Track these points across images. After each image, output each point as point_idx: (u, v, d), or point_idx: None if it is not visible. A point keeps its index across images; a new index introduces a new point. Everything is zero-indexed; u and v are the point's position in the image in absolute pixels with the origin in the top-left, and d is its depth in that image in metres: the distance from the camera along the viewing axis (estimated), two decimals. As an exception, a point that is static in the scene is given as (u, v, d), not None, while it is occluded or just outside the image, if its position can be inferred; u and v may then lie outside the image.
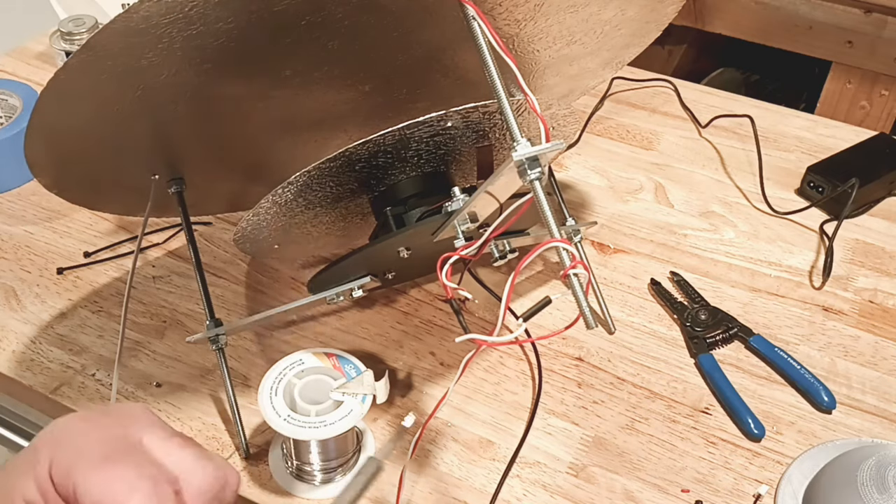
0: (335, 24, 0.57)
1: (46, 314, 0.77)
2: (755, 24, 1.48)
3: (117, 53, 0.52)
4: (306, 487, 0.63)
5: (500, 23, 0.62)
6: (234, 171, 0.76)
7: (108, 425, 0.38)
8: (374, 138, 0.58)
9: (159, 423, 0.40)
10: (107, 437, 0.38)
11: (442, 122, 0.59)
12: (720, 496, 0.63)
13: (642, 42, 0.79)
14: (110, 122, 0.60)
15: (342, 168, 0.60)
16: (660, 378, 0.72)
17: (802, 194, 0.91)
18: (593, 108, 1.02)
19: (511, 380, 0.71)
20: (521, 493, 0.63)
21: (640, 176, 0.94)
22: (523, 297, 0.80)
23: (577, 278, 0.47)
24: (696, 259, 0.83)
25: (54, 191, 0.68)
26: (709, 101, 1.04)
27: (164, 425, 0.40)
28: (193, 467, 0.38)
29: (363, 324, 0.76)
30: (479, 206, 0.57)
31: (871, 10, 1.37)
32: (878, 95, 1.45)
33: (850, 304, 0.78)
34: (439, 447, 0.66)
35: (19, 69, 1.09)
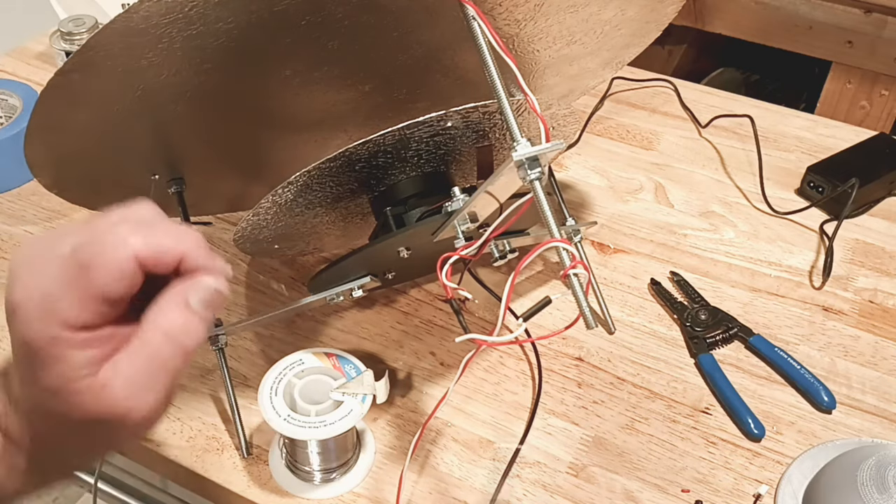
0: (335, 24, 0.57)
1: (46, 314, 0.76)
2: (755, 24, 1.48)
3: (117, 53, 0.52)
4: (306, 487, 0.63)
5: (500, 23, 0.62)
6: (234, 171, 0.76)
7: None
8: (374, 138, 0.58)
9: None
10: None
11: (442, 122, 0.59)
12: (720, 496, 0.63)
13: (642, 42, 0.79)
14: (110, 122, 0.60)
15: (342, 168, 0.60)
16: (660, 378, 0.72)
17: (802, 194, 0.91)
18: (593, 108, 1.02)
19: (511, 380, 0.71)
20: (521, 493, 0.63)
21: (640, 176, 0.94)
22: (523, 297, 0.80)
23: (577, 278, 0.47)
24: (696, 259, 0.83)
25: (54, 191, 0.68)
26: (709, 101, 1.04)
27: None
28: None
29: (363, 324, 0.76)
30: (479, 206, 0.57)
31: (871, 10, 1.37)
32: (878, 95, 1.44)
33: (850, 304, 0.78)
34: (439, 447, 0.66)
35: (19, 69, 1.09)
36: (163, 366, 0.37)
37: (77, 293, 0.35)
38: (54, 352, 0.36)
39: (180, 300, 0.38)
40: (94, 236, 0.37)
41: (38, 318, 0.36)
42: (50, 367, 0.36)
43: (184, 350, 0.38)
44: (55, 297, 0.35)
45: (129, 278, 0.36)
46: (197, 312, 0.38)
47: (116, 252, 0.36)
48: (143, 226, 0.37)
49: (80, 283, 0.35)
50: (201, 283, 0.38)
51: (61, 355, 0.36)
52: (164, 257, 0.37)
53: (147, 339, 0.37)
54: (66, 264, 0.36)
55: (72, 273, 0.36)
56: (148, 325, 0.37)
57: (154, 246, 0.36)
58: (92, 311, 0.36)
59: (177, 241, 0.37)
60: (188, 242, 0.38)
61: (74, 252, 0.36)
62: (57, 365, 0.36)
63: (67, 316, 0.35)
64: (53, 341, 0.35)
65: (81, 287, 0.35)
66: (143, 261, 0.36)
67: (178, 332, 0.37)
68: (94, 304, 0.36)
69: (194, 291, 0.38)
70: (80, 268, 0.36)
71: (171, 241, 0.37)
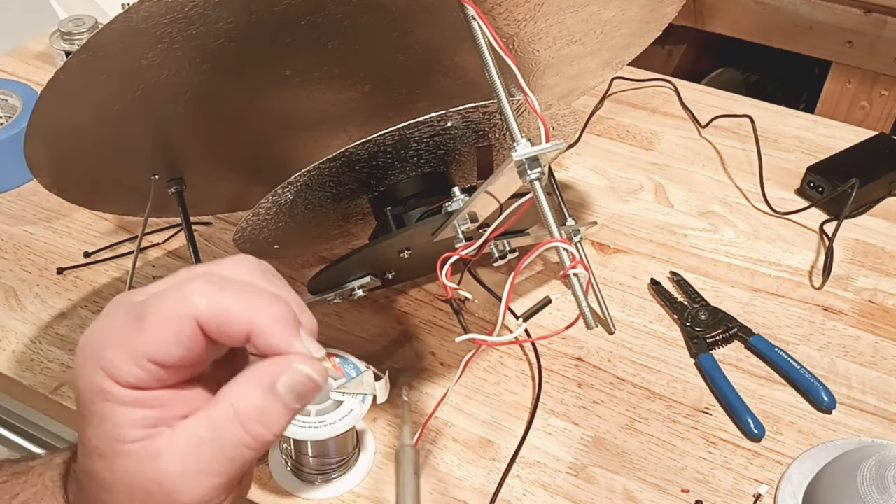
0: (335, 24, 0.57)
1: (46, 314, 0.77)
2: (755, 24, 1.48)
3: (117, 53, 0.52)
4: (306, 487, 0.63)
5: (500, 23, 0.62)
6: (234, 171, 0.76)
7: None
8: (374, 138, 0.58)
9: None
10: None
11: (442, 122, 0.59)
12: (720, 496, 0.63)
13: (642, 42, 0.79)
14: (110, 122, 0.60)
15: (342, 168, 0.60)
16: (660, 378, 0.72)
17: (802, 194, 0.91)
18: (593, 108, 1.02)
19: (511, 380, 0.71)
20: (521, 493, 0.63)
21: (640, 176, 0.94)
22: (523, 297, 0.80)
23: (577, 278, 0.47)
24: (696, 259, 0.83)
25: (54, 191, 0.68)
26: (709, 101, 1.04)
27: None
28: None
29: (363, 324, 0.76)
30: (479, 206, 0.57)
31: (871, 10, 1.37)
32: (878, 95, 1.45)
33: (850, 304, 0.78)
34: (439, 447, 0.66)
35: (19, 69, 1.09)
36: (226, 450, 0.32)
37: (128, 348, 0.31)
38: (101, 406, 0.32)
39: (265, 381, 0.32)
40: (168, 287, 0.32)
41: (90, 367, 0.32)
42: (97, 423, 0.32)
43: (255, 440, 0.32)
44: (107, 347, 0.32)
45: (187, 343, 0.31)
46: (281, 399, 0.32)
47: (172, 311, 0.31)
48: (218, 284, 0.32)
49: (133, 338, 0.31)
50: (294, 368, 0.32)
51: (109, 412, 0.32)
52: (228, 327, 0.31)
53: (215, 416, 0.32)
54: (128, 315, 0.32)
55: (129, 325, 0.32)
56: (220, 401, 0.32)
57: (219, 312, 0.31)
58: (144, 370, 0.31)
59: (248, 311, 0.32)
60: (265, 317, 0.32)
61: (142, 302, 0.32)
62: (104, 423, 0.32)
63: (115, 370, 0.31)
64: (102, 394, 0.31)
65: (133, 343, 0.31)
66: (204, 326, 0.31)
67: (253, 416, 0.32)
68: (144, 366, 0.31)
69: (285, 375, 0.32)
70: (137, 321, 0.31)
71: (241, 309, 0.32)
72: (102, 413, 0.32)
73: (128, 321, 0.32)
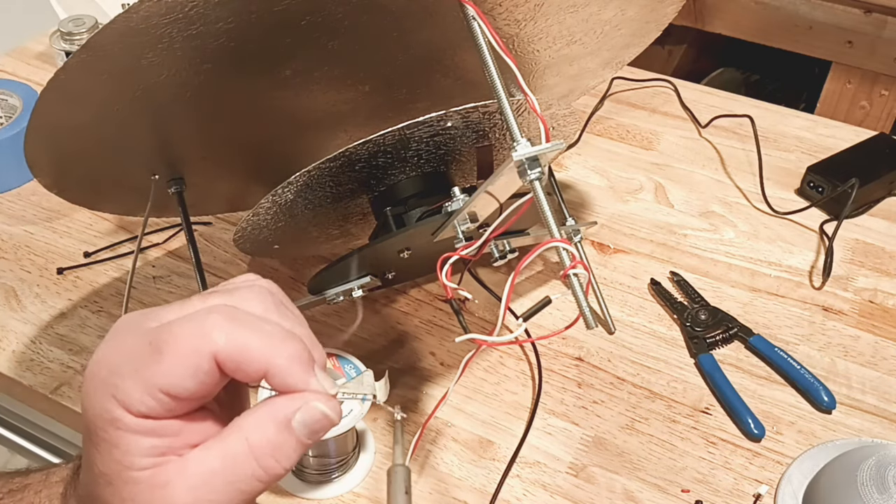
0: (335, 24, 0.57)
1: (46, 314, 0.77)
2: (755, 24, 1.48)
3: (117, 53, 0.52)
4: (306, 487, 0.63)
5: (500, 23, 0.62)
6: (234, 171, 0.76)
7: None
8: (374, 138, 0.58)
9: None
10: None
11: (442, 122, 0.59)
12: (720, 496, 0.63)
13: (642, 42, 0.79)
14: (110, 122, 0.60)
15: (342, 168, 0.60)
16: (660, 378, 0.72)
17: (802, 194, 0.91)
18: (593, 108, 1.02)
19: (511, 380, 0.71)
20: (521, 493, 0.63)
21: (640, 176, 0.94)
22: (523, 297, 0.80)
23: (577, 278, 0.47)
24: (696, 259, 0.83)
25: (54, 191, 0.68)
26: (709, 101, 1.04)
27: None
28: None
29: (363, 324, 0.76)
30: (479, 206, 0.57)
31: (871, 10, 1.37)
32: (878, 95, 1.45)
33: (850, 304, 0.78)
34: (439, 447, 0.66)
35: (19, 69, 1.09)
36: (237, 482, 0.32)
37: (143, 378, 0.31)
38: (111, 434, 0.31)
39: (281, 417, 0.32)
40: (184, 316, 0.32)
41: (101, 394, 0.31)
42: (106, 449, 0.32)
43: (267, 473, 0.32)
44: (120, 375, 0.31)
45: (203, 378, 0.31)
46: (295, 435, 0.32)
47: (191, 345, 0.31)
48: (237, 320, 0.32)
49: (149, 370, 0.31)
50: (311, 405, 0.33)
51: (119, 439, 0.31)
52: (246, 366, 0.32)
53: (227, 448, 0.32)
54: (142, 342, 0.32)
55: (144, 354, 0.31)
56: (233, 433, 0.32)
57: (238, 352, 0.31)
58: (157, 401, 0.31)
59: (267, 350, 0.32)
60: (281, 357, 0.32)
61: (157, 330, 0.32)
62: (114, 449, 0.31)
63: (128, 399, 0.31)
64: (112, 422, 0.31)
65: (148, 373, 0.31)
66: (221, 363, 0.31)
67: (267, 450, 0.32)
68: (155, 397, 0.31)
69: (301, 412, 0.32)
70: (153, 352, 0.31)
71: (260, 348, 0.32)
72: (112, 440, 0.32)
73: (142, 350, 0.31)
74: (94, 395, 0.32)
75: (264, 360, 0.32)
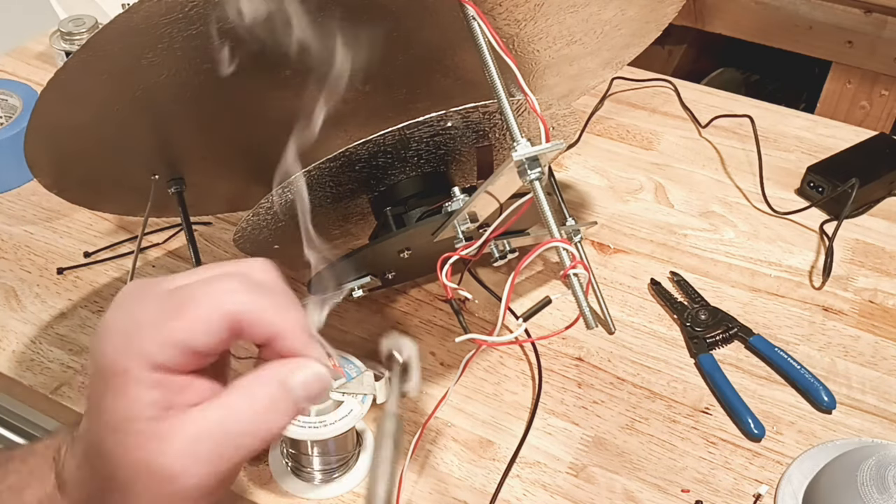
0: (335, 24, 0.57)
1: (46, 314, 0.77)
2: (755, 24, 1.48)
3: (117, 53, 0.52)
4: (306, 487, 0.63)
5: (500, 23, 0.62)
6: (234, 171, 0.76)
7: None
8: (374, 138, 0.58)
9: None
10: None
11: (442, 122, 0.59)
12: (720, 496, 0.63)
13: (642, 42, 0.79)
14: (110, 122, 0.60)
15: (342, 168, 0.60)
16: (660, 378, 0.72)
17: (802, 194, 0.91)
18: (593, 108, 1.02)
19: (511, 380, 0.71)
20: (521, 493, 0.63)
21: (640, 176, 0.94)
22: (523, 297, 0.80)
23: (577, 278, 0.47)
24: (696, 259, 0.83)
25: (54, 191, 0.68)
26: (709, 101, 1.04)
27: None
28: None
29: (363, 324, 0.76)
30: (479, 206, 0.57)
31: (871, 10, 1.37)
32: (878, 95, 1.45)
33: (850, 304, 0.78)
34: (439, 447, 0.66)
35: (19, 69, 1.09)
36: (234, 440, 0.34)
37: (161, 332, 0.34)
38: (122, 383, 0.34)
39: (280, 378, 0.35)
40: (200, 280, 0.35)
41: (117, 346, 0.34)
42: (115, 399, 0.34)
43: (262, 431, 0.34)
44: (139, 329, 0.34)
45: (217, 336, 0.34)
46: (292, 396, 0.35)
47: (212, 304, 0.34)
48: (253, 289, 0.35)
49: (167, 324, 0.34)
50: (309, 367, 0.35)
51: (129, 389, 0.33)
52: (258, 327, 0.35)
53: (227, 405, 0.34)
54: (161, 300, 0.34)
55: (164, 311, 0.34)
56: (233, 391, 0.34)
57: (253, 313, 0.34)
58: (171, 354, 0.34)
59: (278, 317, 0.35)
60: (289, 322, 0.35)
61: (176, 290, 0.35)
62: (122, 399, 0.34)
63: (144, 351, 0.33)
64: (125, 373, 0.33)
65: (167, 328, 0.34)
66: (235, 324, 0.34)
67: (265, 409, 0.34)
68: (175, 349, 0.34)
69: (299, 373, 0.35)
70: (173, 309, 0.34)
71: (272, 315, 0.35)
72: (122, 390, 0.34)
73: (162, 308, 0.34)
74: (110, 347, 0.34)
75: (274, 323, 0.35)
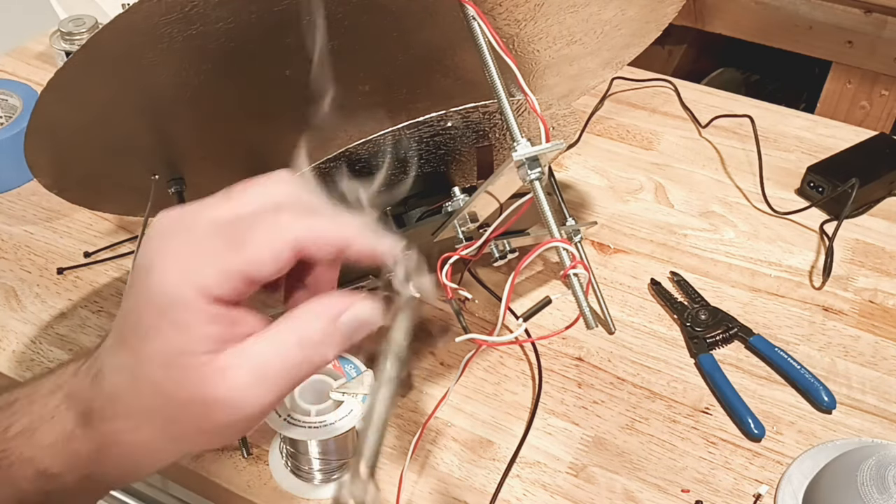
0: (335, 24, 0.57)
1: (46, 314, 0.77)
2: (755, 24, 1.48)
3: (117, 53, 0.52)
4: (306, 487, 0.63)
5: (500, 23, 0.62)
6: (234, 171, 0.75)
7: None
8: (374, 138, 0.58)
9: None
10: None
11: (442, 122, 0.59)
12: (720, 496, 0.63)
13: (642, 42, 0.79)
14: (110, 122, 0.60)
15: (342, 168, 0.60)
16: (660, 378, 0.72)
17: (802, 194, 0.91)
18: (593, 108, 1.02)
19: (511, 380, 0.71)
20: (521, 493, 0.63)
21: (640, 176, 0.94)
22: (523, 297, 0.80)
23: (577, 278, 0.47)
24: (696, 259, 0.83)
25: (54, 191, 0.68)
26: (709, 101, 1.04)
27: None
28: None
29: (363, 324, 0.76)
30: (479, 206, 0.57)
31: (871, 10, 1.37)
32: (878, 95, 1.45)
33: (850, 304, 0.78)
34: (439, 447, 0.66)
35: (19, 69, 1.09)
36: (288, 371, 0.35)
37: (224, 264, 0.34)
38: (182, 318, 0.34)
39: (331, 313, 0.36)
40: (255, 214, 0.36)
41: (173, 278, 0.34)
42: (168, 333, 0.34)
43: (313, 362, 0.36)
44: (197, 261, 0.34)
45: (282, 264, 0.35)
46: (340, 332, 0.36)
47: (276, 233, 0.35)
48: (307, 213, 0.36)
49: (230, 257, 0.34)
50: (357, 307, 0.37)
51: (188, 323, 0.34)
52: (325, 246, 0.36)
53: (282, 338, 0.35)
54: (219, 232, 0.35)
55: (224, 243, 0.34)
56: (287, 322, 0.36)
57: (317, 234, 0.35)
58: (232, 287, 0.34)
59: (339, 228, 0.36)
60: (351, 228, 0.37)
61: (232, 223, 0.35)
62: (179, 334, 0.34)
63: (207, 284, 0.34)
64: (184, 307, 0.34)
65: (230, 260, 0.34)
66: (302, 248, 0.35)
67: (314, 342, 0.36)
68: (236, 280, 0.34)
69: (348, 311, 0.37)
70: (235, 241, 0.34)
71: (334, 229, 0.36)
72: (180, 323, 0.34)
73: (222, 239, 0.35)
74: (169, 278, 0.34)
75: (340, 234, 0.36)
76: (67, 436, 0.38)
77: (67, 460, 0.38)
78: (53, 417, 0.38)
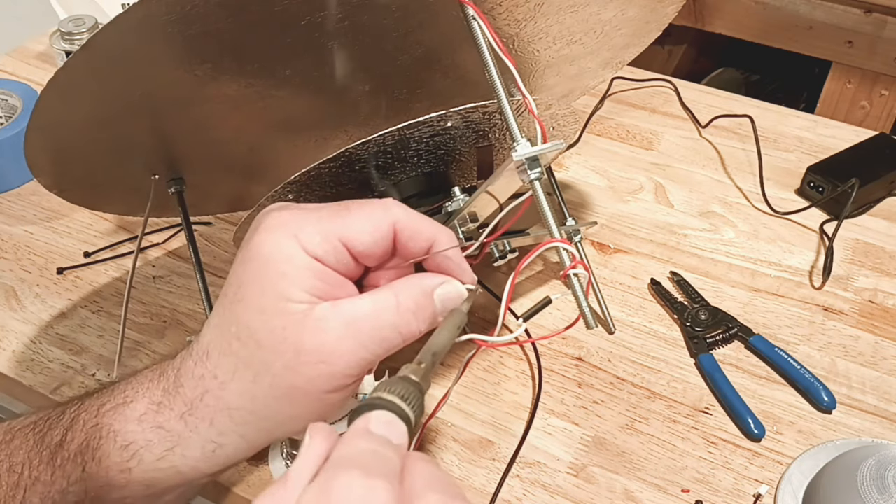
0: (335, 25, 0.57)
1: (46, 314, 0.77)
2: (755, 24, 1.48)
3: (117, 53, 0.52)
4: (306, 487, 0.63)
5: (500, 23, 0.62)
6: (234, 171, 0.76)
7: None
8: (374, 138, 0.58)
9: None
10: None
11: (442, 122, 0.59)
12: (720, 496, 0.63)
13: (642, 42, 0.79)
14: (110, 122, 0.60)
15: (342, 168, 0.60)
16: (660, 378, 0.72)
17: (802, 194, 0.91)
18: (593, 108, 1.02)
19: (511, 380, 0.71)
20: (521, 493, 0.63)
21: (640, 176, 0.94)
22: (523, 297, 0.80)
23: (577, 278, 0.47)
24: (696, 259, 0.83)
25: (54, 191, 0.68)
26: (709, 101, 1.04)
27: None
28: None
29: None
30: (479, 206, 0.57)
31: (871, 10, 1.37)
32: (878, 95, 1.45)
33: (850, 304, 0.78)
34: (439, 447, 0.66)
35: (19, 69, 1.09)
36: (381, 332, 0.37)
37: (325, 226, 0.37)
38: (283, 268, 0.36)
39: (427, 285, 0.39)
40: (362, 200, 0.39)
41: (280, 235, 0.36)
42: (271, 281, 0.36)
43: (405, 331, 0.38)
44: (304, 222, 0.37)
45: (380, 240, 0.37)
46: (434, 302, 0.39)
47: (379, 212, 0.38)
48: (406, 207, 0.39)
49: (333, 220, 0.37)
50: (453, 284, 0.40)
51: (288, 273, 0.36)
52: (418, 236, 0.39)
53: (379, 300, 0.37)
54: (327, 206, 0.38)
55: (330, 212, 0.37)
56: (385, 290, 0.38)
57: (415, 223, 0.38)
58: (331, 247, 0.37)
59: (435, 229, 0.39)
60: (442, 232, 0.40)
61: (342, 202, 0.39)
62: (280, 281, 0.36)
63: (307, 240, 0.36)
64: (287, 259, 0.36)
65: (332, 223, 0.37)
66: (399, 231, 0.38)
67: (410, 311, 0.38)
68: (335, 241, 0.37)
69: (444, 287, 0.39)
70: (341, 210, 0.37)
71: (432, 227, 0.39)
72: (282, 271, 0.36)
73: (326, 210, 0.38)
74: (275, 234, 0.37)
75: (433, 234, 0.39)
76: (157, 403, 0.39)
77: (151, 435, 0.38)
78: (145, 392, 0.39)
